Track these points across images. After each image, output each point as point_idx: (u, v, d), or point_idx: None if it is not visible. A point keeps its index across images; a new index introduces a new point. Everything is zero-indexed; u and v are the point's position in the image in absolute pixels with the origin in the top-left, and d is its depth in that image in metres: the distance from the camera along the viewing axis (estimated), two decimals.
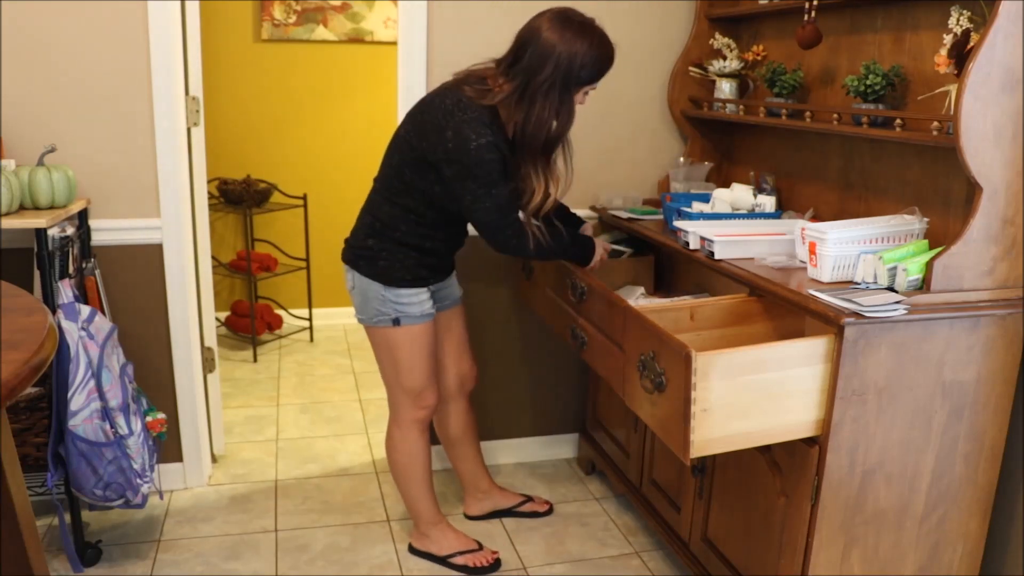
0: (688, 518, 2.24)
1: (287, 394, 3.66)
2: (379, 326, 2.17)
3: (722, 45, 2.66)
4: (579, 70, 1.91)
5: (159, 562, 2.37)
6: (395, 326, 2.15)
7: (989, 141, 1.65)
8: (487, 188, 1.96)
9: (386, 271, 2.11)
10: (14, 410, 2.29)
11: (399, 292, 2.12)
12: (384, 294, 2.12)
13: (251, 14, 4.16)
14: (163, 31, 2.40)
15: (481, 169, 1.94)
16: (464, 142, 1.92)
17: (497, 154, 1.95)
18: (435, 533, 2.41)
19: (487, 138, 1.93)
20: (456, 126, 1.93)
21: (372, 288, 2.13)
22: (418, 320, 2.16)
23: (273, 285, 4.43)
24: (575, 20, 1.94)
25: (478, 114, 1.95)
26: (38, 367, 1.19)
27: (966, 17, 1.73)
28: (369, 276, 2.13)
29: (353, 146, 4.38)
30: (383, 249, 2.11)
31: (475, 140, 1.92)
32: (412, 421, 2.29)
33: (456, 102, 1.97)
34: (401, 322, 2.15)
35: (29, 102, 2.37)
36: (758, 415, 1.62)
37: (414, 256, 2.12)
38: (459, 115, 1.94)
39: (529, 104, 1.94)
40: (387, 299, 2.13)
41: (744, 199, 2.38)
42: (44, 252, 2.14)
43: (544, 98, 1.92)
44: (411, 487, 2.37)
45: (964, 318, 1.69)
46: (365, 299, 2.16)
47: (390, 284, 2.12)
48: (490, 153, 1.93)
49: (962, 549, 1.87)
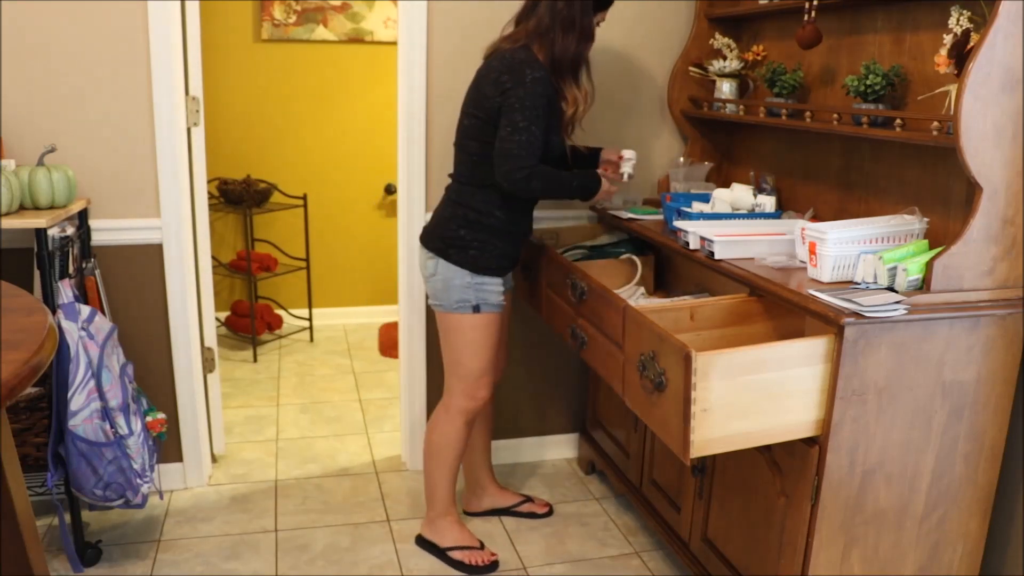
0: (688, 518, 2.24)
1: (287, 394, 3.66)
2: (458, 312, 2.25)
3: (722, 45, 2.66)
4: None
5: (159, 562, 2.37)
6: (475, 312, 2.25)
7: (989, 141, 1.65)
8: (528, 122, 2.07)
9: (476, 259, 2.21)
10: (14, 410, 2.29)
11: (484, 280, 2.23)
12: (469, 280, 2.22)
13: (251, 14, 4.16)
14: (163, 31, 2.40)
15: (531, 100, 2.07)
16: (521, 76, 2.08)
17: (545, 92, 2.10)
18: (442, 524, 2.45)
19: (540, 73, 2.10)
20: (511, 67, 2.10)
21: (459, 275, 2.22)
22: (495, 308, 2.27)
23: (273, 285, 4.43)
24: None
25: (527, 55, 2.12)
26: (38, 367, 1.19)
27: (966, 17, 1.73)
28: (459, 264, 2.22)
29: (353, 146, 4.38)
30: (475, 239, 2.21)
31: (531, 73, 2.08)
32: (461, 410, 2.35)
33: (501, 56, 2.15)
34: (481, 309, 2.25)
35: (29, 102, 2.37)
36: (758, 415, 1.62)
37: (502, 245, 2.24)
38: (510, 60, 2.12)
39: (549, 28, 2.12)
40: (472, 286, 2.23)
41: (744, 199, 2.38)
42: (44, 252, 2.14)
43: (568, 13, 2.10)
44: (436, 471, 2.42)
45: (964, 318, 1.69)
46: (448, 286, 2.24)
47: (478, 272, 2.22)
48: (542, 87, 2.09)
49: (962, 549, 1.87)
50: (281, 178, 4.25)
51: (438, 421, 2.39)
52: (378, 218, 4.54)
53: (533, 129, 2.07)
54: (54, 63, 2.36)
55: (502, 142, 2.09)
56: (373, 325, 4.54)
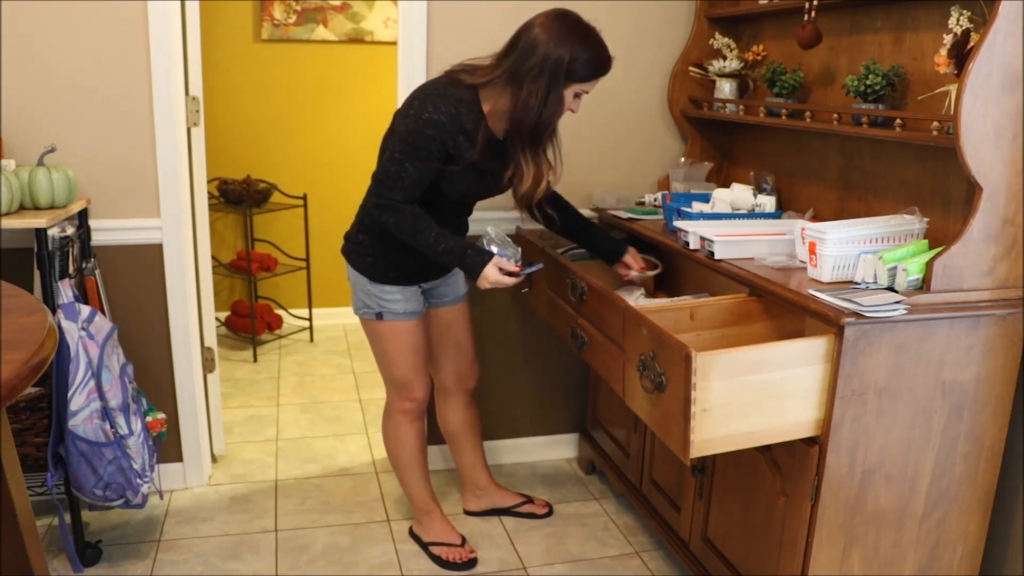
0: (688, 518, 2.24)
1: (287, 394, 3.66)
2: (365, 318, 2.26)
3: (722, 45, 2.66)
4: (568, 63, 1.91)
5: (159, 562, 2.37)
6: (378, 320, 2.23)
7: (989, 141, 1.65)
8: (403, 157, 1.97)
9: (372, 267, 2.18)
10: (14, 410, 2.29)
11: (383, 288, 2.19)
12: (369, 288, 2.20)
13: (251, 14, 4.16)
14: (163, 31, 2.40)
15: (414, 138, 1.96)
16: (420, 110, 1.97)
17: (440, 134, 1.96)
18: (426, 520, 2.48)
19: (443, 115, 1.96)
20: (423, 96, 2.00)
21: (360, 281, 2.21)
22: (400, 317, 2.22)
23: (273, 285, 4.43)
24: (571, 18, 1.96)
25: (450, 92, 1.99)
26: (38, 367, 1.19)
27: (966, 17, 1.73)
28: (358, 270, 2.21)
29: (353, 146, 4.37)
30: (371, 245, 2.17)
31: (430, 112, 1.96)
32: (399, 412, 2.37)
33: (435, 81, 2.04)
34: (383, 317, 2.22)
35: (29, 102, 2.37)
36: (758, 415, 1.62)
37: (398, 255, 2.16)
38: (430, 89, 2.01)
39: (516, 88, 1.95)
40: (371, 293, 2.20)
41: (744, 199, 2.38)
42: (44, 252, 2.14)
43: (532, 83, 1.92)
44: (402, 474, 2.46)
45: (964, 318, 1.69)
46: (354, 290, 2.25)
47: (375, 280, 2.19)
48: (433, 130, 1.96)
49: (962, 549, 1.87)
50: (281, 178, 4.25)
51: (385, 426, 2.43)
52: None
53: (407, 166, 1.97)
54: (54, 63, 2.36)
55: (378, 166, 2.06)
56: None
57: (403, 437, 2.39)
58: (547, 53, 1.90)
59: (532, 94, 1.93)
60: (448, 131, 1.98)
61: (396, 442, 2.41)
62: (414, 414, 2.37)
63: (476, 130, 2.02)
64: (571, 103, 2.01)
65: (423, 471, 2.45)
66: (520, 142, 2.02)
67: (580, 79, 1.95)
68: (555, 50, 1.90)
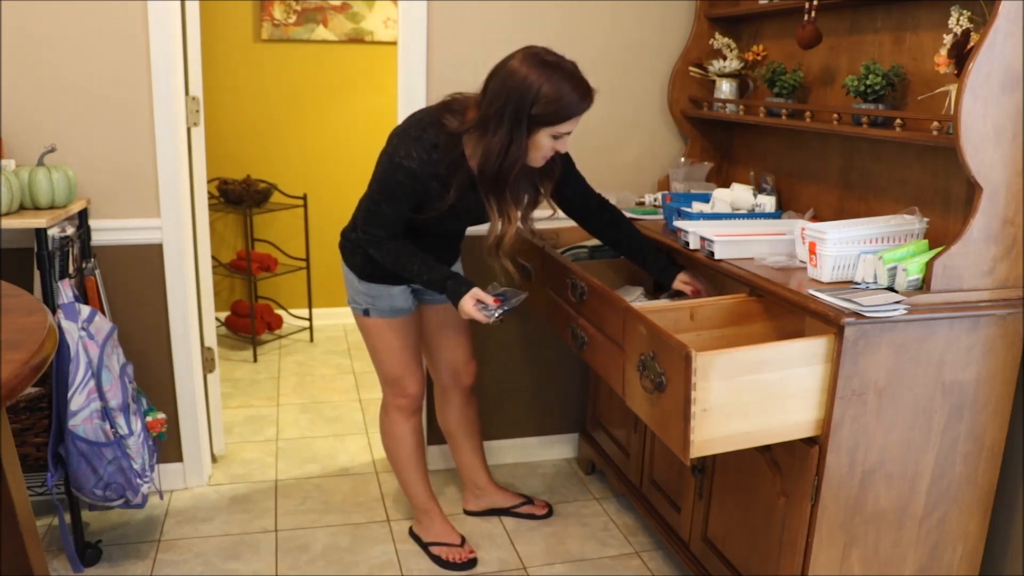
0: (688, 518, 2.24)
1: (287, 394, 3.66)
2: (355, 312, 2.30)
3: (722, 45, 2.66)
4: (530, 106, 1.82)
5: (159, 562, 2.37)
6: (365, 316, 2.26)
7: (989, 141, 1.65)
8: (381, 197, 2.01)
9: (362, 265, 2.20)
10: (14, 410, 2.29)
11: (370, 286, 2.21)
12: (357, 285, 2.23)
13: (251, 14, 4.16)
14: (163, 31, 2.40)
15: (388, 181, 1.98)
16: (394, 153, 1.96)
17: (410, 180, 1.95)
18: (425, 519, 2.49)
19: (414, 163, 1.93)
20: (401, 136, 1.98)
21: (351, 277, 2.25)
22: (387, 314, 2.24)
23: (273, 285, 4.43)
24: (543, 58, 1.85)
25: (428, 136, 1.95)
26: (38, 367, 1.19)
27: (966, 17, 1.72)
28: (349, 266, 2.25)
29: (353, 146, 4.37)
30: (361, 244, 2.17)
31: (402, 157, 1.94)
32: (394, 408, 2.39)
33: (418, 120, 2.00)
34: (371, 314, 2.25)
35: (29, 102, 2.37)
36: (758, 415, 1.62)
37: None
38: (411, 131, 1.97)
39: (481, 134, 1.91)
40: (360, 290, 2.23)
41: (744, 199, 2.38)
42: (44, 252, 2.14)
43: (496, 128, 1.87)
44: (400, 471, 2.48)
45: (964, 318, 1.69)
46: (347, 285, 2.28)
47: (363, 278, 2.21)
48: (404, 176, 1.95)
49: (962, 549, 1.87)
50: (281, 178, 4.25)
51: (381, 423, 2.46)
52: None
53: (383, 206, 1.99)
54: (54, 63, 2.36)
55: (363, 199, 2.11)
56: None
57: (399, 433, 2.41)
58: (507, 99, 1.83)
59: (495, 142, 1.87)
60: (419, 177, 1.95)
61: (392, 438, 2.43)
62: (409, 410, 2.38)
63: (451, 176, 1.97)
64: (550, 146, 1.92)
65: (421, 469, 2.46)
66: (484, 187, 1.97)
67: (548, 123, 1.86)
68: (516, 95, 1.82)
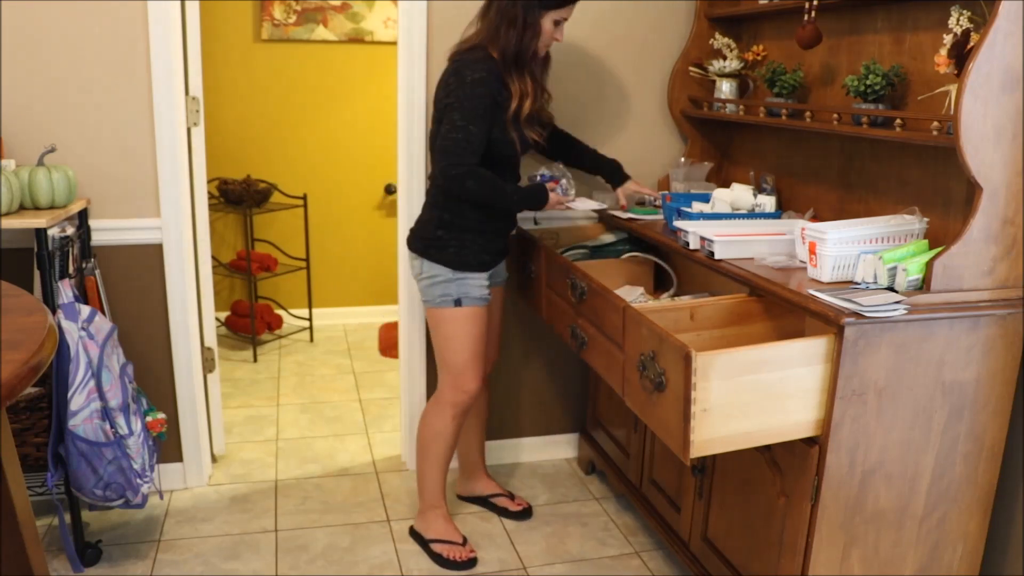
0: (688, 518, 2.24)
1: (287, 394, 3.66)
2: (441, 306, 2.32)
3: (722, 45, 2.66)
4: None
5: (159, 562, 2.37)
6: (456, 306, 2.30)
7: (989, 141, 1.65)
8: (465, 121, 2.12)
9: (456, 257, 2.28)
10: (14, 410, 2.29)
11: (466, 275, 2.29)
12: (451, 276, 2.29)
13: (251, 14, 4.16)
14: (163, 31, 2.40)
15: (469, 102, 2.12)
16: (462, 77, 2.15)
17: (487, 91, 2.14)
18: (430, 516, 2.49)
19: (481, 73, 2.13)
20: (457, 67, 2.18)
21: (441, 272, 2.29)
22: (476, 302, 2.32)
23: (273, 285, 4.43)
24: None
25: (475, 55, 2.18)
26: (38, 367, 1.19)
27: (966, 17, 1.73)
28: (439, 263, 2.29)
29: (353, 146, 4.38)
30: (453, 238, 2.28)
31: (471, 75, 2.13)
32: (449, 404, 2.40)
33: (455, 56, 2.24)
34: (463, 303, 2.30)
35: (29, 102, 2.37)
36: (758, 415, 1.62)
37: (480, 242, 2.30)
38: (458, 62, 2.19)
39: (497, 25, 2.16)
40: (454, 281, 2.29)
41: (744, 199, 2.38)
42: (44, 252, 2.14)
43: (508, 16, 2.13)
44: (425, 464, 2.47)
45: (964, 318, 1.69)
46: (432, 283, 2.31)
47: (458, 269, 2.29)
48: (481, 87, 2.13)
49: (962, 549, 1.87)
50: (281, 178, 4.25)
51: (428, 414, 2.45)
52: (378, 218, 4.55)
53: (471, 128, 2.12)
54: (54, 63, 2.36)
55: (442, 139, 2.16)
56: (373, 325, 4.54)
57: (442, 429, 2.41)
58: None
59: (510, 26, 2.14)
60: (492, 84, 2.15)
61: (433, 430, 2.42)
62: (461, 407, 2.40)
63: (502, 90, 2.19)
64: (552, 32, 2.19)
65: (445, 467, 2.48)
66: (508, 71, 2.19)
67: (554, 5, 2.15)
68: None
